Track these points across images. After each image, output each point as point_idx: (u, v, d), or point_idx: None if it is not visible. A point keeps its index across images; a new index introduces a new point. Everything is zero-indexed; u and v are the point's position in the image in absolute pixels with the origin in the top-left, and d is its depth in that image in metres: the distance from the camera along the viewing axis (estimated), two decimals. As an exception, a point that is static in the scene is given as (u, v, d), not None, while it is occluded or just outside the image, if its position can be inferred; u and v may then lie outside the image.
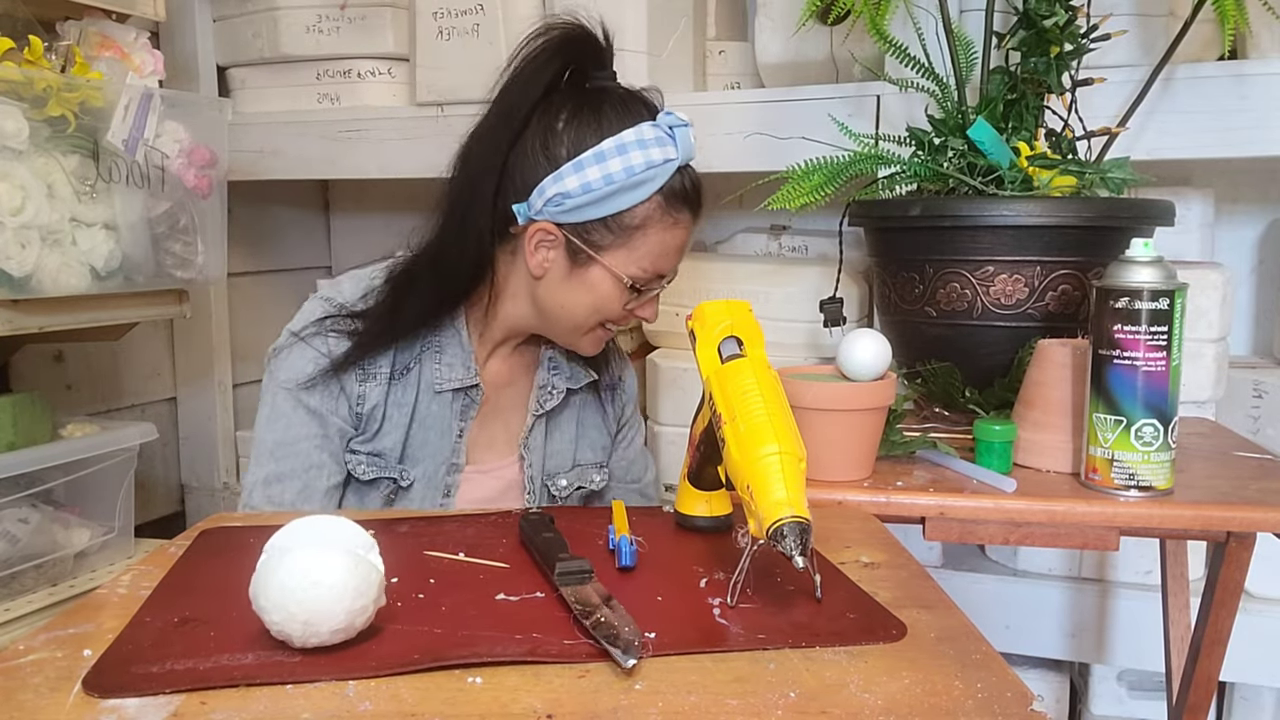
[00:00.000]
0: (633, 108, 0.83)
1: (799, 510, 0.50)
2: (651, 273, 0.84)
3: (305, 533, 0.49)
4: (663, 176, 0.81)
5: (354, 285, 0.89)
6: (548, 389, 0.94)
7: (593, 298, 0.84)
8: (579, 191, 0.80)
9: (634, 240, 0.82)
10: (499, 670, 0.46)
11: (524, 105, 0.81)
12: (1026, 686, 0.45)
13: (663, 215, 0.82)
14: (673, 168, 0.81)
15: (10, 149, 1.05)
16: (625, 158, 0.80)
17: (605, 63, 0.85)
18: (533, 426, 0.94)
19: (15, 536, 1.14)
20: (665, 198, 0.82)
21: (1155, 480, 0.76)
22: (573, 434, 0.97)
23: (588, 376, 0.96)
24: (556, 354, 0.95)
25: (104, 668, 0.46)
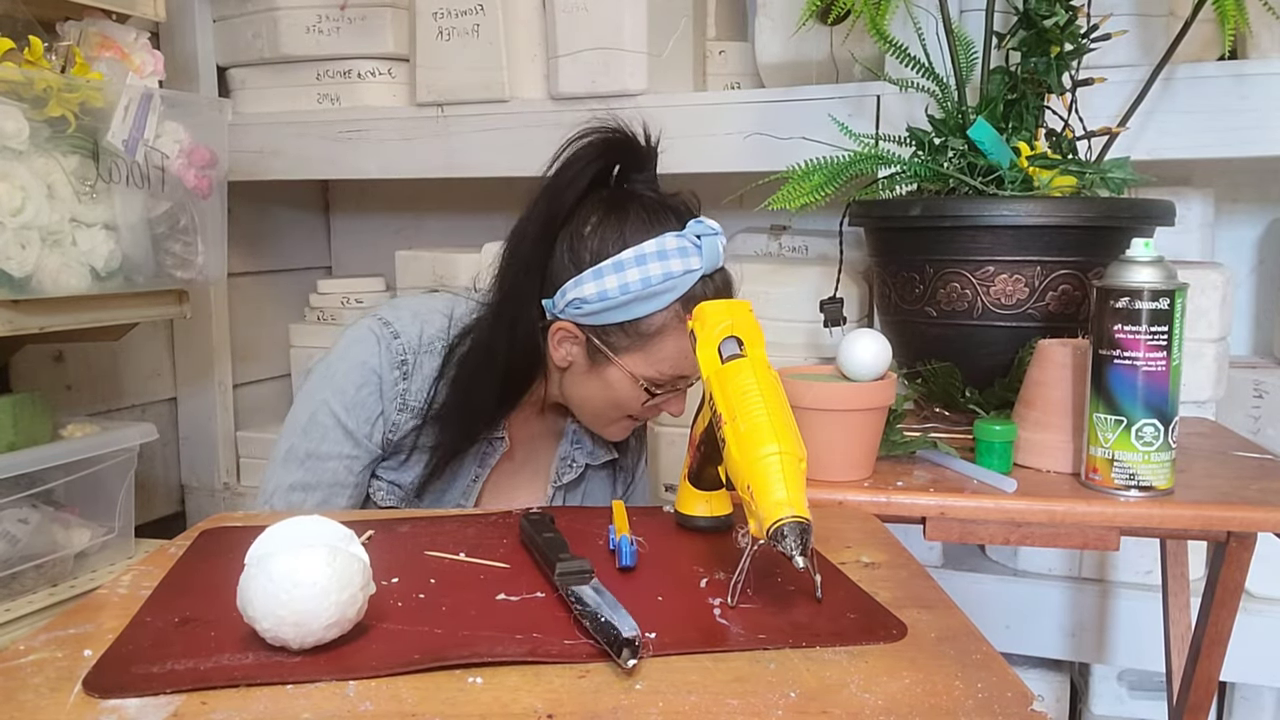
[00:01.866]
0: (660, 216, 0.83)
1: (799, 510, 0.50)
2: (670, 375, 0.84)
3: (281, 537, 0.49)
4: (683, 287, 0.81)
5: (414, 321, 0.88)
6: (568, 461, 0.95)
7: (611, 395, 0.85)
8: (595, 299, 0.81)
9: (651, 346, 0.82)
10: (499, 670, 0.46)
11: (563, 208, 0.82)
12: (1027, 686, 0.45)
13: (680, 323, 0.82)
14: (693, 278, 0.81)
15: (10, 149, 1.05)
16: (644, 269, 0.80)
17: (645, 165, 0.86)
18: (553, 498, 0.95)
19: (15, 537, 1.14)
20: (685, 305, 0.81)
21: (1155, 480, 0.76)
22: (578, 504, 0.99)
23: (608, 455, 0.97)
24: (580, 429, 0.96)
25: (104, 668, 0.46)
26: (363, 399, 0.85)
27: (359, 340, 0.87)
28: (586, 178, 0.82)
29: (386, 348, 0.85)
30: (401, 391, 0.85)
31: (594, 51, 1.33)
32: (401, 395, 0.85)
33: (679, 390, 0.87)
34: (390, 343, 0.86)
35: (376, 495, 0.87)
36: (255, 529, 0.51)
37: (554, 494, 0.95)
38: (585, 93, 1.36)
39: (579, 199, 0.82)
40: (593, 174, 0.82)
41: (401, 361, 0.85)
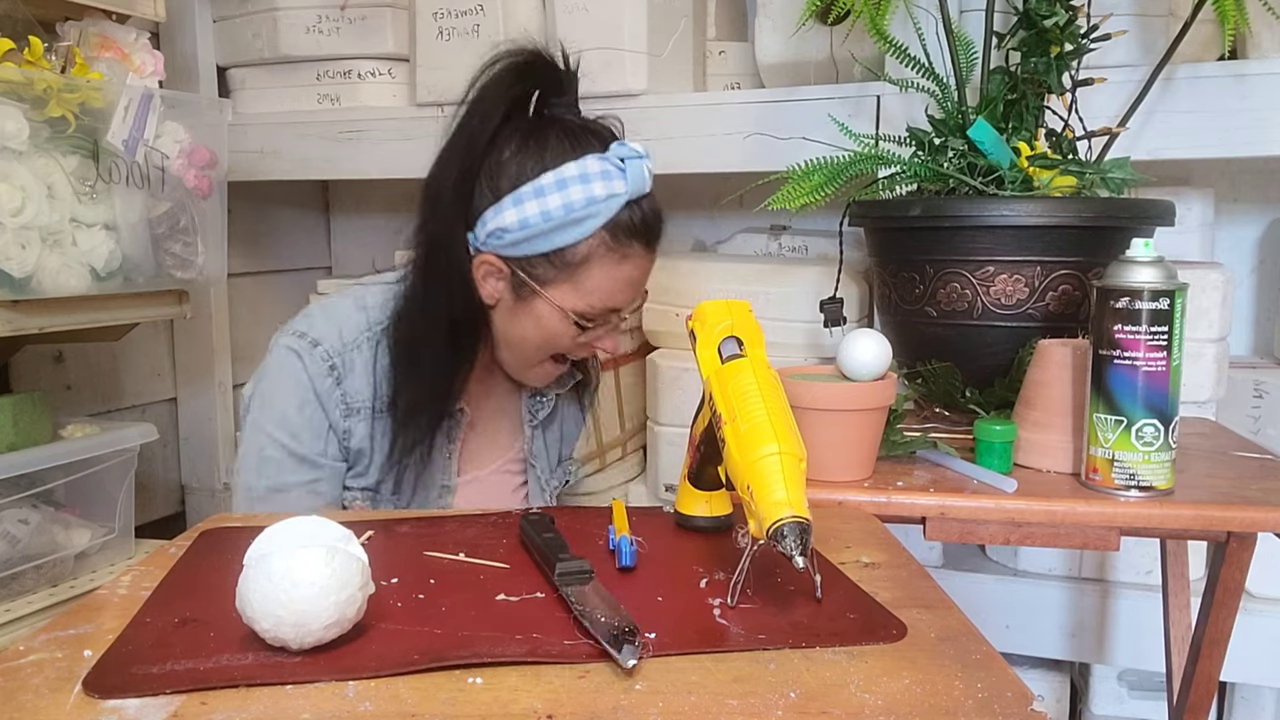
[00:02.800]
0: (582, 140, 0.79)
1: (799, 510, 0.50)
2: (601, 308, 0.82)
3: (280, 537, 0.49)
4: (607, 212, 0.78)
5: (329, 324, 0.85)
6: (539, 398, 0.94)
7: (539, 332, 0.83)
8: (516, 227, 0.78)
9: (578, 276, 0.80)
10: (499, 670, 0.46)
11: (482, 138, 0.79)
12: (1027, 686, 0.45)
13: (608, 251, 0.79)
14: (618, 203, 0.78)
15: (10, 149, 1.05)
16: (565, 193, 0.77)
17: (565, 89, 0.82)
18: (531, 438, 0.95)
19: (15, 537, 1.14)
20: (611, 233, 0.79)
21: (1156, 480, 0.76)
22: (558, 434, 0.99)
23: (573, 379, 0.97)
24: None
25: (104, 668, 0.46)
26: (307, 418, 0.82)
27: (282, 363, 0.84)
28: (504, 105, 0.79)
29: (311, 359, 0.83)
30: (340, 396, 0.83)
31: (594, 51, 1.33)
32: (342, 399, 0.83)
33: (612, 325, 0.84)
34: (312, 352, 0.83)
35: (354, 507, 0.85)
36: (255, 529, 0.51)
37: (531, 435, 0.94)
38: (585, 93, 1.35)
39: (498, 128, 0.79)
40: (510, 100, 0.79)
41: (331, 367, 0.83)
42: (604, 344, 0.86)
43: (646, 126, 1.32)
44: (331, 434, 0.84)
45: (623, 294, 0.83)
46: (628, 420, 1.51)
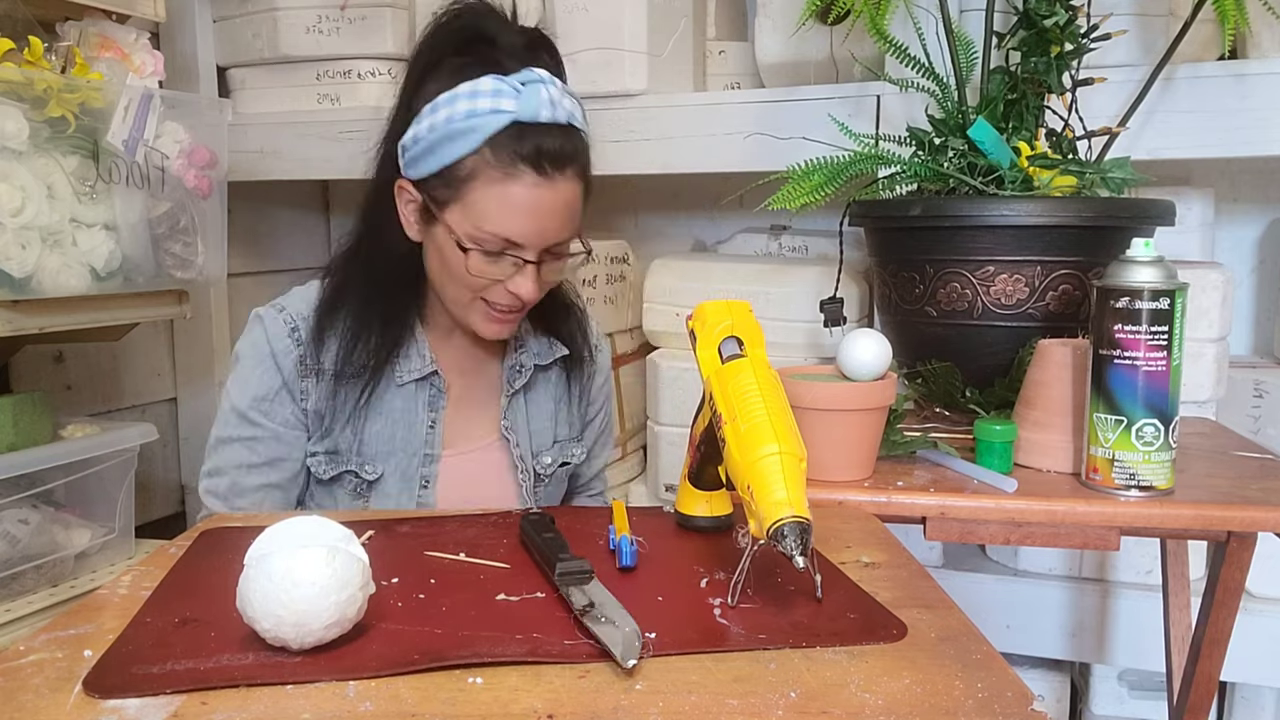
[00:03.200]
0: (490, 62, 0.79)
1: (799, 510, 0.50)
2: (492, 234, 0.79)
3: (280, 538, 0.49)
4: (488, 127, 0.77)
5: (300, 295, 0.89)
6: (516, 368, 0.93)
7: (446, 265, 0.82)
8: (411, 143, 0.80)
9: (465, 195, 0.79)
10: (499, 670, 0.46)
11: (414, 73, 0.82)
12: (1027, 686, 0.45)
13: (490, 169, 0.78)
14: (503, 119, 0.77)
15: (10, 150, 1.05)
16: (451, 107, 0.78)
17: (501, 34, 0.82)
18: (508, 407, 0.93)
19: (16, 537, 1.14)
20: (493, 150, 0.78)
21: (1156, 480, 0.76)
22: (551, 411, 0.96)
23: (557, 351, 0.95)
24: (525, 334, 0.94)
25: (105, 668, 0.47)
26: (258, 376, 0.85)
27: (249, 329, 0.88)
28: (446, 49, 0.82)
29: (272, 321, 0.86)
30: (299, 356, 0.85)
31: (594, 51, 1.34)
32: (300, 360, 0.85)
33: (516, 262, 0.81)
34: (277, 315, 0.86)
35: (318, 470, 0.86)
36: (255, 529, 0.51)
37: (508, 404, 0.93)
38: (586, 92, 1.35)
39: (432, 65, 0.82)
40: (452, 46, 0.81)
41: (293, 329, 0.85)
42: (516, 287, 0.82)
43: (646, 126, 1.32)
44: (284, 393, 0.85)
45: (514, 222, 0.79)
46: (628, 420, 1.51)
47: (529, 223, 0.80)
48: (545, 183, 0.79)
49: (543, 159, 0.79)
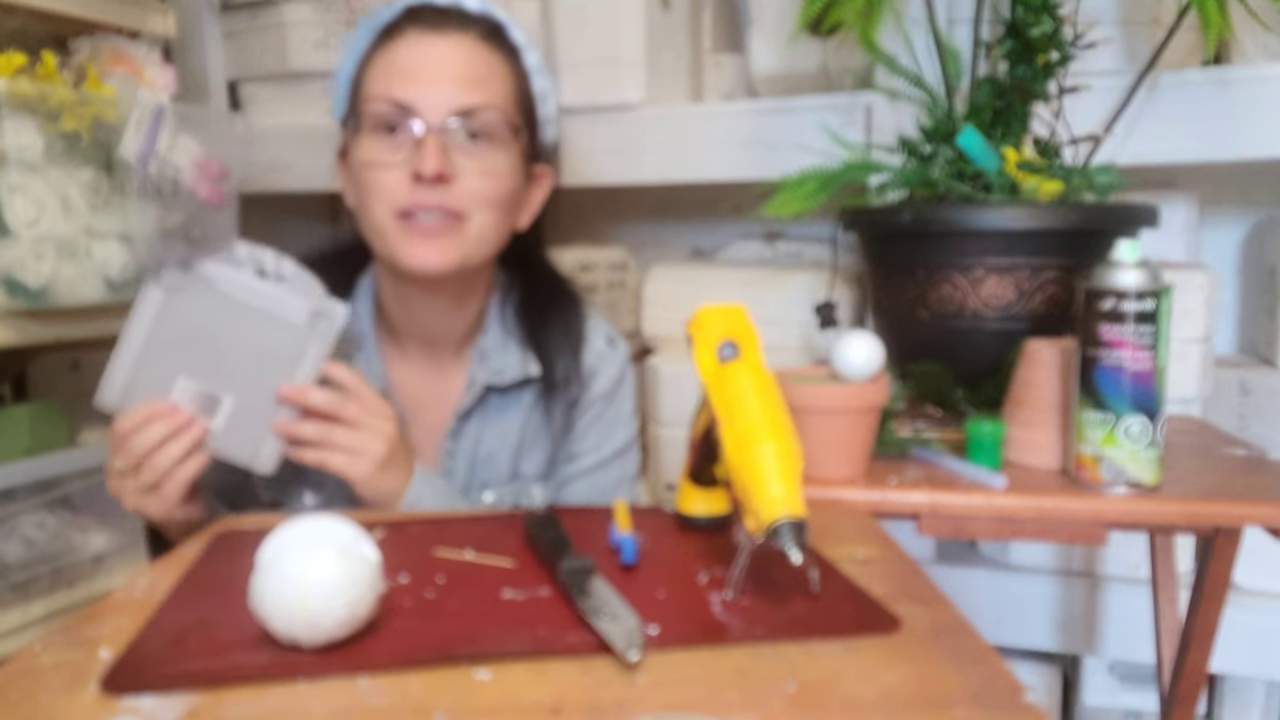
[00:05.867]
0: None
1: (795, 508, 0.51)
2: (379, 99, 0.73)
3: (292, 538, 0.50)
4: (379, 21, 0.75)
5: None
6: (469, 387, 0.83)
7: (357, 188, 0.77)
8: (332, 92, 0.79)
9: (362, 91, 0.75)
10: (506, 665, 0.47)
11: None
12: (1017, 677, 0.46)
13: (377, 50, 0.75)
14: (393, 11, 0.75)
15: (26, 163, 1.06)
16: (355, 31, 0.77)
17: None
18: (455, 429, 0.82)
19: (33, 541, 1.15)
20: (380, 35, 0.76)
21: (1143, 476, 0.77)
22: (515, 441, 0.83)
23: (522, 373, 0.82)
24: (491, 346, 0.83)
25: (121, 668, 0.47)
26: None
27: None
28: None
29: None
30: None
31: (593, 64, 1.35)
32: None
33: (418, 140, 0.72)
34: None
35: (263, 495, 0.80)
36: (268, 531, 0.51)
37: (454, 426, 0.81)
38: (585, 104, 1.37)
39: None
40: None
41: None
42: (422, 164, 0.72)
43: (644, 137, 1.34)
44: None
45: (399, 81, 0.73)
46: (628, 422, 1.53)
47: (415, 78, 0.72)
48: (432, 35, 0.73)
49: (427, 15, 0.74)
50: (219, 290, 0.73)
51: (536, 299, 0.85)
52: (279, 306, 0.73)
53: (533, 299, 0.85)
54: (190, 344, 0.73)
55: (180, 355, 0.73)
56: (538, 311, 0.85)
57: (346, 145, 0.79)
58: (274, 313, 0.73)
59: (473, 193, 0.75)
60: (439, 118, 0.73)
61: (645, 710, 0.43)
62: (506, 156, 0.78)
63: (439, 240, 0.75)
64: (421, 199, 0.74)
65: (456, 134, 0.74)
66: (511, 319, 0.85)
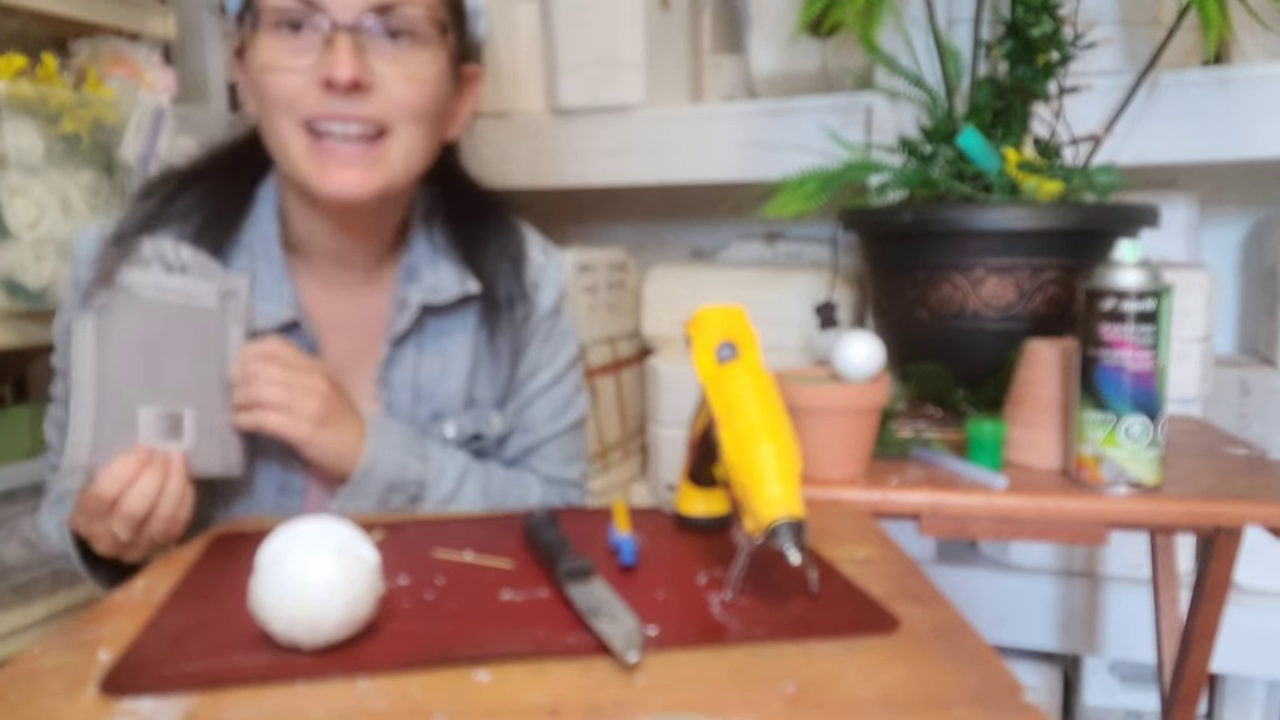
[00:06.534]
0: None
1: (794, 508, 0.51)
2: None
3: (291, 539, 0.49)
4: None
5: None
6: (400, 309, 0.74)
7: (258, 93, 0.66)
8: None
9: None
10: (505, 666, 0.47)
11: None
12: (1017, 677, 0.46)
13: None
14: None
15: (26, 165, 1.07)
16: None
17: None
18: (389, 358, 0.73)
19: (33, 542, 1.15)
20: None
21: (1144, 476, 0.77)
22: (466, 365, 0.75)
23: (460, 290, 0.74)
24: (421, 262, 0.74)
25: (120, 670, 0.47)
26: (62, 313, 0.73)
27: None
28: None
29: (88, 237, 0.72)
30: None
31: (593, 65, 1.35)
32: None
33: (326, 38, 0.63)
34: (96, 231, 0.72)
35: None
36: (267, 533, 0.51)
37: (390, 355, 0.73)
38: (585, 105, 1.38)
39: None
40: None
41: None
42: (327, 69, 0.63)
43: (644, 137, 1.34)
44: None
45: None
46: (629, 422, 1.53)
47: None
48: None
49: None
50: (140, 296, 0.67)
51: (466, 212, 0.76)
52: (192, 297, 0.68)
53: (462, 212, 0.76)
54: (134, 366, 0.67)
55: (130, 383, 0.67)
56: (469, 226, 0.77)
57: (243, 43, 0.68)
58: (189, 305, 0.68)
59: (395, 103, 0.66)
60: (351, 14, 0.63)
61: (644, 711, 0.43)
62: (433, 58, 0.67)
63: (356, 163, 0.66)
64: (334, 109, 0.64)
65: (373, 33, 0.65)
66: (440, 234, 0.76)
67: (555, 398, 0.83)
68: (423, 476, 0.74)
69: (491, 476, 0.79)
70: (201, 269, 0.70)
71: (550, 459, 0.83)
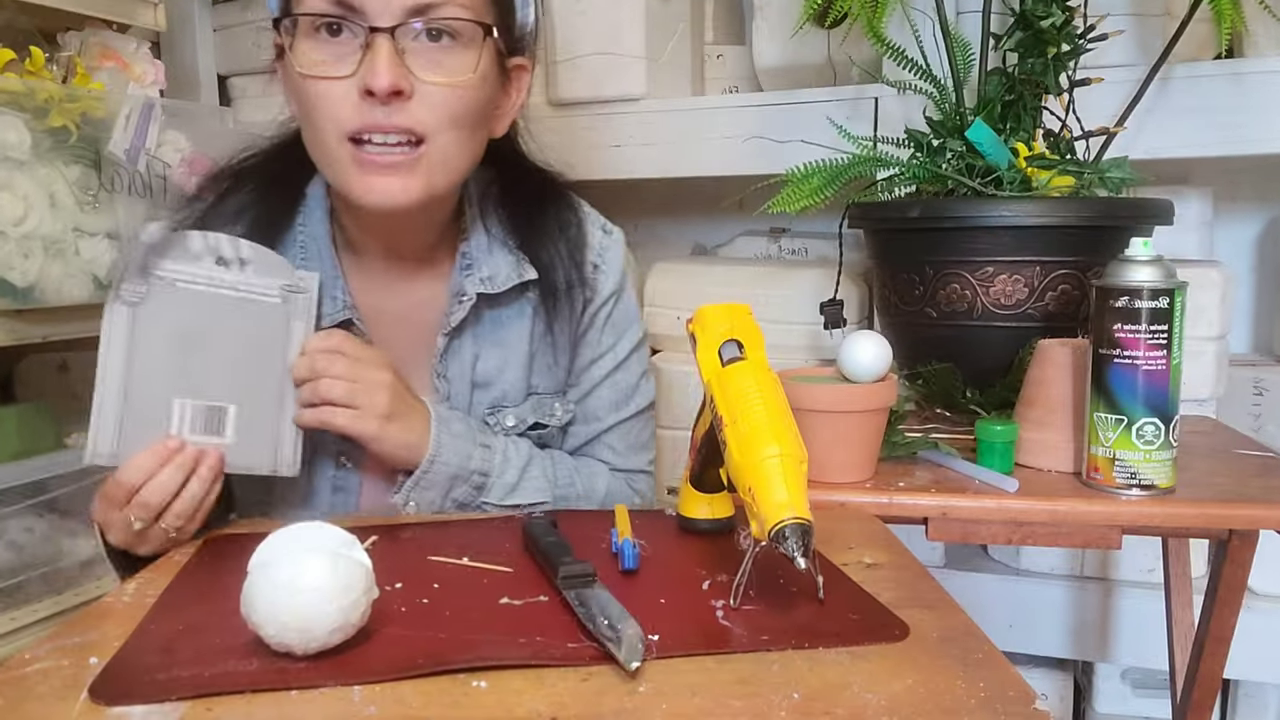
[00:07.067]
0: None
1: (800, 512, 0.50)
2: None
3: (283, 544, 0.49)
4: None
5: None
6: (456, 301, 0.73)
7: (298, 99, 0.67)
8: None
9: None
10: (503, 674, 0.46)
11: None
12: (1029, 685, 0.45)
13: None
14: None
15: (12, 159, 1.06)
16: None
17: None
18: (445, 350, 0.73)
19: (20, 545, 1.14)
20: None
21: (1157, 479, 0.76)
22: (525, 354, 0.75)
23: (516, 275, 0.74)
24: (478, 250, 0.74)
25: (110, 676, 0.47)
26: None
27: None
28: None
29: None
30: None
31: (593, 56, 1.34)
32: None
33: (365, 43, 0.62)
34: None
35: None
36: (259, 536, 0.51)
37: (445, 345, 0.73)
38: (585, 97, 1.37)
39: None
40: None
41: None
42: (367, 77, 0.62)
43: (646, 130, 1.33)
44: None
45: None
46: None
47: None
48: None
49: None
50: (185, 289, 0.67)
51: (522, 195, 0.75)
52: (251, 291, 0.69)
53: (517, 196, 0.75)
54: (173, 358, 0.67)
55: (166, 374, 0.67)
56: (525, 210, 0.76)
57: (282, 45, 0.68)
58: (248, 299, 0.68)
59: (436, 110, 0.65)
60: (390, 18, 0.62)
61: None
62: (476, 58, 0.66)
63: (397, 171, 0.65)
64: (374, 120, 0.64)
65: (413, 36, 0.64)
66: (495, 220, 0.75)
67: (619, 384, 0.81)
68: (487, 466, 0.74)
69: (557, 465, 0.79)
70: (265, 263, 0.70)
71: (615, 448, 0.82)
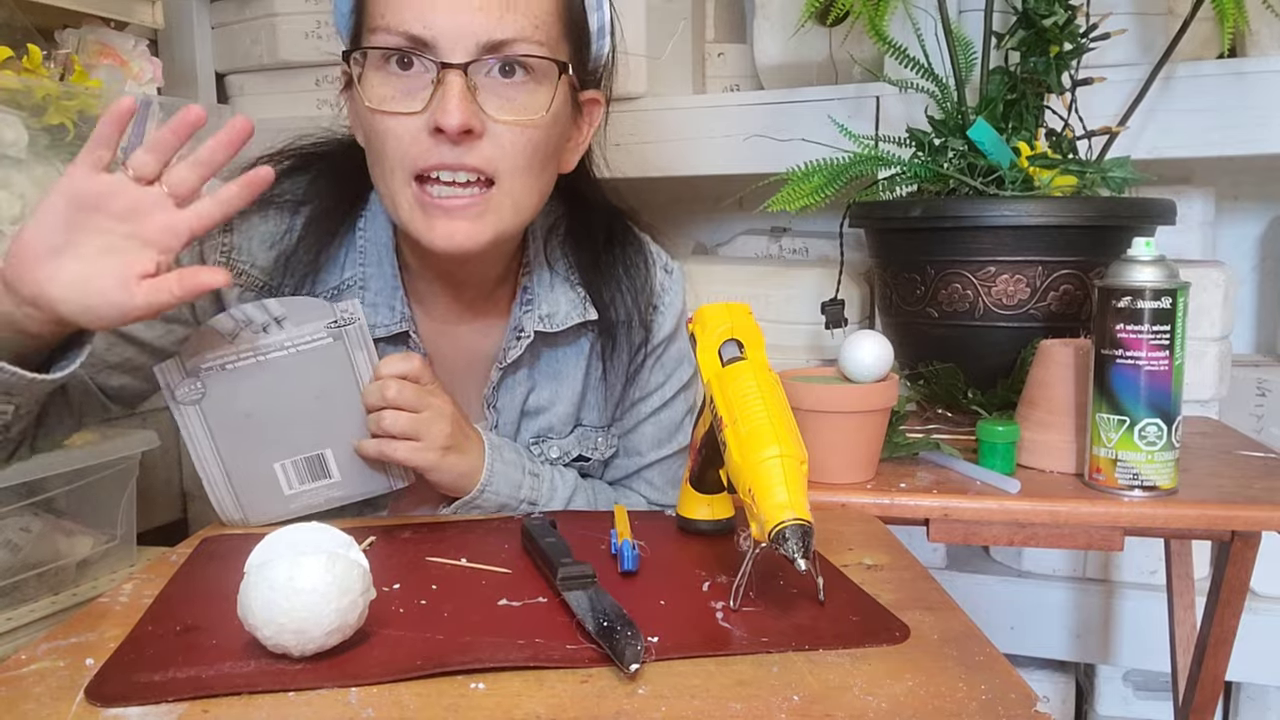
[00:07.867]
0: None
1: (801, 513, 0.50)
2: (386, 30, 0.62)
3: (280, 545, 0.49)
4: None
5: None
6: (516, 330, 0.73)
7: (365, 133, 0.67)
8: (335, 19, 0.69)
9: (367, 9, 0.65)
10: (501, 676, 0.46)
11: None
12: (1030, 687, 0.45)
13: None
14: None
15: (10, 157, 1.06)
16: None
17: None
18: (499, 381, 0.73)
19: (17, 545, 1.14)
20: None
21: (1159, 480, 0.76)
22: (578, 389, 0.75)
23: (578, 315, 0.73)
24: (539, 286, 0.73)
25: (106, 677, 0.46)
26: None
27: None
28: None
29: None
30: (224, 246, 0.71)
31: (593, 55, 1.34)
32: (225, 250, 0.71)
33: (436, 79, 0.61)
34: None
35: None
36: (256, 536, 0.51)
37: (499, 379, 0.73)
38: (585, 96, 1.36)
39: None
40: None
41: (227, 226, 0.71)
42: (436, 114, 0.61)
43: (646, 129, 1.32)
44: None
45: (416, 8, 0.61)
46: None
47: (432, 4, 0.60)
48: None
49: None
50: (237, 369, 0.70)
51: (587, 233, 0.75)
52: (299, 343, 0.70)
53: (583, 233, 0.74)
54: (255, 431, 0.71)
55: (256, 446, 0.71)
56: (590, 247, 0.75)
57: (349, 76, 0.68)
58: (300, 351, 0.70)
59: (507, 150, 0.63)
60: (462, 54, 0.61)
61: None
62: (550, 96, 0.64)
63: (464, 215, 0.64)
64: (443, 159, 0.62)
65: (486, 72, 0.62)
66: (559, 256, 0.75)
67: (663, 422, 0.81)
68: (535, 495, 0.75)
69: (599, 495, 0.80)
70: (300, 311, 0.70)
71: (654, 483, 0.83)
